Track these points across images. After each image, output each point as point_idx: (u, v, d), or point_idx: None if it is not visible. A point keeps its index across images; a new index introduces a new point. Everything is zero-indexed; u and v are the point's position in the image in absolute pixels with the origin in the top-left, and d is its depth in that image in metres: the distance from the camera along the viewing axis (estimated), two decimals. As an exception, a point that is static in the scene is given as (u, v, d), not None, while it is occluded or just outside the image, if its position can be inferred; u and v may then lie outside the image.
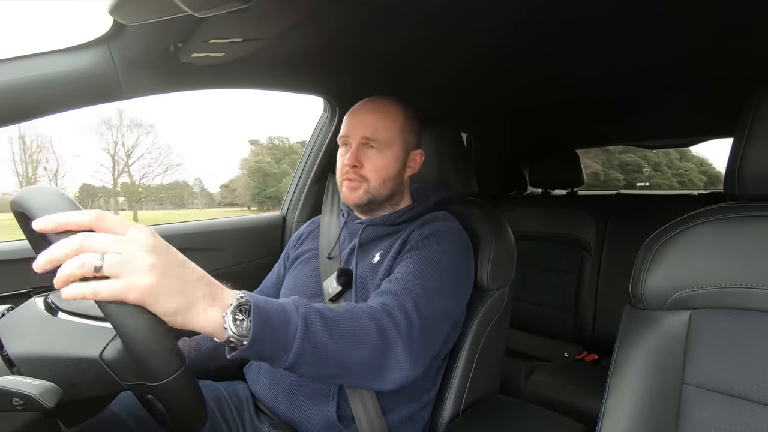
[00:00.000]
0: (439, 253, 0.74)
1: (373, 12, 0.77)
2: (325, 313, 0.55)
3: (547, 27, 0.89)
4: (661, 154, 6.25)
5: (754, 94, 0.59)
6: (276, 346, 0.49)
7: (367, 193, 0.83)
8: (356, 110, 0.86)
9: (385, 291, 0.68)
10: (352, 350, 0.55)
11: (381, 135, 0.82)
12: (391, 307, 0.64)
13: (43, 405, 0.43)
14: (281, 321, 0.49)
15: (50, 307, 0.55)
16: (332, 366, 0.54)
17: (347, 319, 0.56)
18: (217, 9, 0.53)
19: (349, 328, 0.56)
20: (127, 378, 0.48)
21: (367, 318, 0.59)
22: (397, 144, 0.84)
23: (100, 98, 0.77)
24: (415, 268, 0.71)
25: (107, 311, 0.42)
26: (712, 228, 0.60)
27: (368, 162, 0.82)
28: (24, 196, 0.49)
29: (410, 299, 0.66)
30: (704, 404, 0.56)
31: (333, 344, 0.53)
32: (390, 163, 0.84)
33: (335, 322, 0.55)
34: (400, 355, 0.60)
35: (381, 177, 0.83)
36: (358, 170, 0.82)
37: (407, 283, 0.68)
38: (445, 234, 0.79)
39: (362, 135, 0.82)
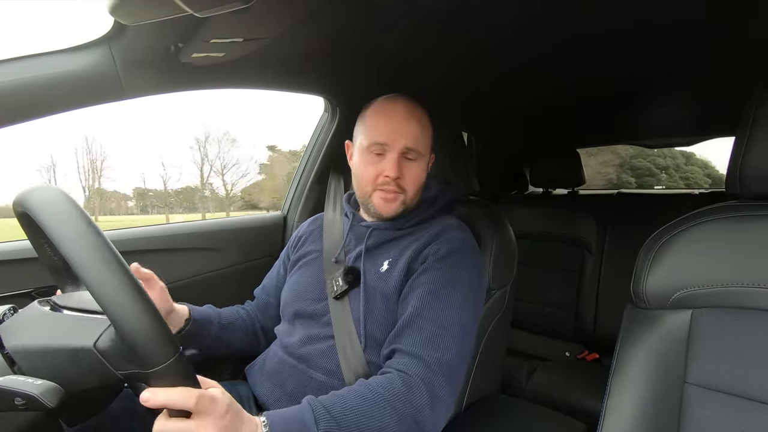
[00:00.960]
0: (457, 273, 0.74)
1: (374, 11, 0.77)
2: (342, 422, 0.57)
3: (547, 27, 0.89)
4: (668, 158, 6.56)
5: (756, 93, 0.59)
6: None
7: (403, 204, 0.81)
8: (390, 114, 0.80)
9: (404, 351, 0.67)
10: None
11: (421, 146, 0.80)
12: (412, 376, 0.63)
13: (45, 405, 0.43)
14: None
15: (53, 307, 0.55)
16: None
17: (367, 418, 0.58)
18: (217, 9, 0.53)
19: (370, 424, 0.58)
20: (120, 366, 0.48)
21: (388, 409, 0.59)
22: (428, 154, 0.84)
23: (101, 98, 0.77)
24: (432, 297, 0.70)
25: (100, 298, 0.43)
26: (713, 227, 0.60)
27: (408, 173, 0.80)
28: (26, 196, 0.49)
29: (433, 356, 0.65)
30: (706, 403, 0.56)
31: None
32: (424, 173, 0.83)
33: (356, 425, 0.57)
34: (428, 424, 0.62)
35: (417, 187, 0.82)
36: (399, 181, 0.79)
37: (425, 329, 0.67)
38: (462, 254, 0.77)
39: (405, 145, 0.78)
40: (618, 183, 6.15)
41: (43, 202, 0.47)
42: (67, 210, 0.46)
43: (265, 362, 0.85)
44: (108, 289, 0.43)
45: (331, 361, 0.76)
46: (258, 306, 1.00)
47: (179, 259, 1.08)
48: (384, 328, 0.75)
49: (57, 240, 0.44)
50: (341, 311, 0.79)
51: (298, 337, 0.82)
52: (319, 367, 0.77)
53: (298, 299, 0.86)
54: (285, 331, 0.86)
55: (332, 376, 0.75)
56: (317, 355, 0.78)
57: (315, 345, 0.79)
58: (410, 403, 0.61)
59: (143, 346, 0.43)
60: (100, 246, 0.44)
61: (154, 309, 0.45)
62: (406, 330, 0.69)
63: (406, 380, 0.63)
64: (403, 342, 0.68)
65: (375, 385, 0.62)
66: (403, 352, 0.67)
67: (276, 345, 0.87)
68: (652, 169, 6.56)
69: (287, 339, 0.83)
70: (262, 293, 1.01)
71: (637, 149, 5.97)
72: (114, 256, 0.45)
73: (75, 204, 0.47)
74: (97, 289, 0.43)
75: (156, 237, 1.05)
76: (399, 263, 0.78)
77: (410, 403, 0.61)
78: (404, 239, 0.82)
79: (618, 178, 6.19)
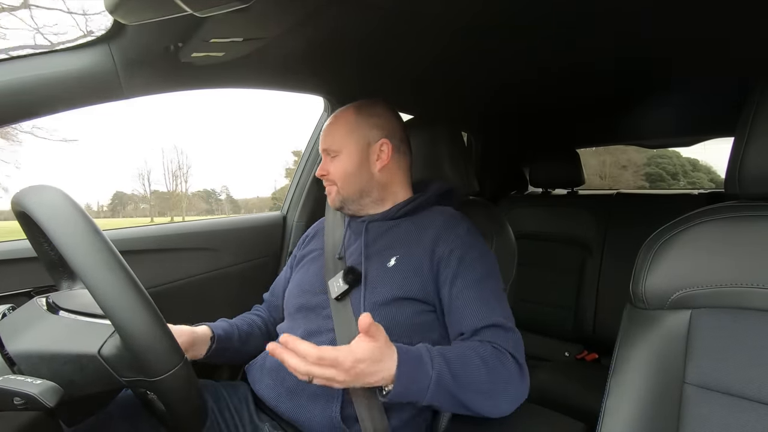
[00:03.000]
0: (483, 265, 0.80)
1: (373, 12, 0.77)
2: (452, 366, 0.66)
3: (546, 27, 0.89)
4: (677, 165, 7.19)
5: (755, 94, 0.59)
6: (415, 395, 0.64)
7: (339, 194, 0.90)
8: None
9: (479, 328, 0.74)
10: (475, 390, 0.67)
11: (333, 142, 0.89)
12: (497, 343, 0.71)
13: (44, 404, 0.43)
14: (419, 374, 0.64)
15: (51, 307, 0.55)
16: (457, 407, 0.67)
17: (471, 370, 0.67)
18: (217, 8, 0.53)
19: (471, 377, 0.66)
20: (125, 374, 0.48)
21: (483, 367, 0.67)
22: (349, 145, 0.88)
23: (101, 98, 0.77)
24: (478, 289, 0.77)
25: (107, 309, 0.43)
26: (712, 227, 0.60)
27: (332, 168, 0.90)
28: (25, 196, 0.49)
29: (501, 320, 0.74)
30: (705, 404, 0.56)
31: (459, 391, 0.65)
32: (346, 164, 0.88)
33: (463, 372, 0.66)
34: (516, 379, 0.71)
35: (342, 177, 0.89)
36: (327, 177, 0.90)
37: (485, 308, 0.75)
38: (479, 248, 0.83)
39: (323, 149, 0.91)
40: (635, 187, 6.69)
41: (43, 202, 0.47)
42: (70, 214, 0.46)
43: (266, 360, 0.86)
44: (114, 301, 0.43)
45: None
46: (268, 309, 1.02)
47: (179, 259, 1.08)
48: (387, 320, 0.76)
49: (62, 248, 0.44)
50: (342, 309, 0.80)
51: (300, 332, 0.82)
52: None
53: (301, 293, 0.88)
54: (286, 328, 0.87)
55: None
56: None
57: (316, 339, 0.80)
58: (503, 367, 0.69)
59: (149, 355, 0.43)
60: (105, 252, 0.44)
61: (159, 318, 0.45)
62: (466, 316, 0.75)
63: (496, 349, 0.70)
64: (467, 324, 0.74)
65: (474, 345, 0.70)
66: (475, 330, 0.73)
67: (276, 343, 0.87)
68: (663, 174, 7.16)
69: None
70: (271, 297, 1.03)
71: (649, 157, 6.98)
72: (119, 263, 0.44)
73: (75, 203, 0.47)
74: (103, 300, 0.43)
75: (156, 237, 1.05)
76: (411, 259, 0.81)
77: (503, 366, 0.69)
78: (401, 228, 0.86)
79: (635, 182, 6.95)
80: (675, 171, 7.13)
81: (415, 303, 0.78)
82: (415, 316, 0.78)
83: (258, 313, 1.01)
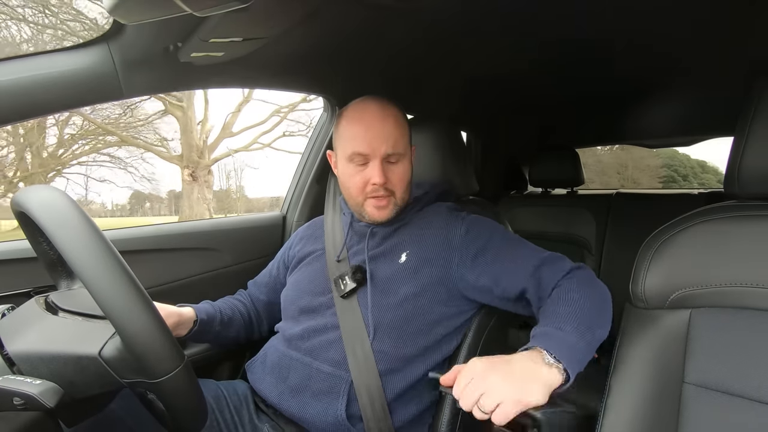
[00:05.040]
0: (497, 228, 0.83)
1: (373, 12, 0.77)
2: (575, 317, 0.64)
3: (547, 28, 0.89)
4: (687, 168, 7.81)
5: (754, 93, 0.59)
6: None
7: (395, 206, 0.83)
8: (366, 123, 0.79)
9: (534, 272, 0.73)
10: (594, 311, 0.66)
11: (401, 146, 0.81)
12: (560, 272, 0.71)
13: (44, 404, 0.43)
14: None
15: (50, 307, 0.55)
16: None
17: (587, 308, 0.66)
18: (216, 8, 0.53)
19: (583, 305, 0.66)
20: (126, 375, 0.48)
21: (586, 294, 0.67)
22: (408, 149, 0.85)
23: (100, 98, 0.77)
24: (509, 247, 0.78)
25: (108, 312, 0.42)
26: (712, 227, 0.60)
27: (393, 175, 0.81)
28: (24, 196, 0.49)
29: (543, 254, 0.75)
30: (704, 403, 0.56)
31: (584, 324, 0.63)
32: (409, 170, 0.84)
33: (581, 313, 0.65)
34: (594, 278, 0.72)
35: (404, 186, 0.83)
36: (386, 186, 0.80)
37: (527, 255, 0.76)
38: (487, 219, 0.86)
39: (385, 152, 0.79)
40: (652, 187, 7.17)
41: (43, 203, 0.47)
42: (69, 214, 0.45)
43: (266, 358, 0.86)
44: (115, 302, 0.43)
45: (338, 352, 0.77)
46: (251, 298, 1.03)
47: (179, 259, 1.08)
48: (395, 320, 0.77)
49: (62, 248, 0.44)
50: (348, 308, 0.80)
51: (304, 329, 0.82)
52: (325, 358, 0.78)
53: (303, 295, 0.87)
54: (288, 327, 0.86)
55: (339, 367, 0.76)
56: (323, 347, 0.79)
57: (321, 336, 0.80)
58: (593, 281, 0.70)
59: (150, 357, 0.43)
60: (105, 253, 0.44)
61: (160, 320, 0.45)
62: (518, 271, 0.74)
63: (565, 278, 0.70)
64: (522, 277, 0.73)
65: (562, 292, 0.68)
66: (533, 275, 0.72)
67: (277, 340, 0.87)
68: (675, 176, 7.77)
69: (291, 332, 0.84)
70: (253, 287, 1.03)
71: (663, 161, 7.71)
72: (119, 263, 0.44)
73: (74, 203, 0.47)
74: (103, 301, 0.43)
75: (156, 237, 1.05)
76: (423, 250, 0.81)
77: (593, 281, 0.70)
78: (406, 228, 0.85)
79: (649, 184, 7.67)
80: (686, 173, 7.71)
81: (430, 294, 0.78)
82: (429, 312, 0.78)
83: (241, 299, 1.01)
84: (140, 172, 7.87)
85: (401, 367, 0.76)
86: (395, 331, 0.77)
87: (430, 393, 0.79)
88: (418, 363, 0.77)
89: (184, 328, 0.85)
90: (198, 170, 6.92)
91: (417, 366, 0.77)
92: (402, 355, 0.76)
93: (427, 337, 0.78)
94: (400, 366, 0.76)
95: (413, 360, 0.77)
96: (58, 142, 6.48)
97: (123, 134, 6.58)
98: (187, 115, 6.78)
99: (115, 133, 6.56)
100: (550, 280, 0.71)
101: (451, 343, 0.82)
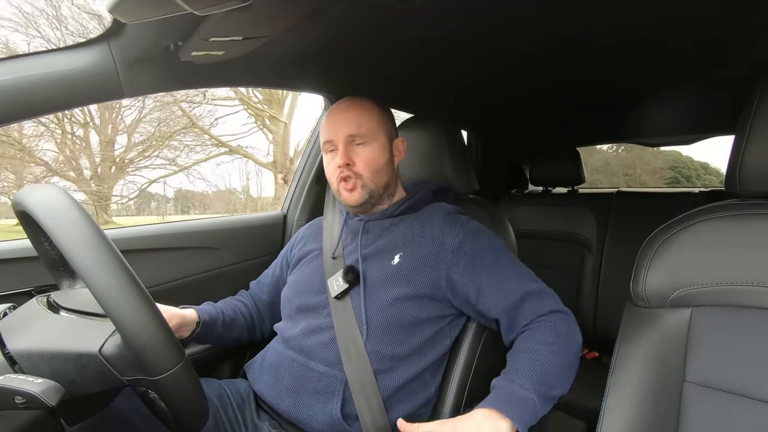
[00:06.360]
0: (493, 245, 0.83)
1: (373, 11, 0.77)
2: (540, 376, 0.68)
3: (547, 26, 0.89)
4: (691, 169, 8.17)
5: (755, 92, 0.59)
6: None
7: (365, 188, 0.84)
8: (332, 113, 0.86)
9: (515, 303, 0.76)
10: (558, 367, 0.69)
11: (364, 128, 0.83)
12: (540, 312, 0.75)
13: (46, 403, 0.43)
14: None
15: (52, 306, 0.55)
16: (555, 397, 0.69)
17: (546, 361, 0.69)
18: (216, 7, 0.53)
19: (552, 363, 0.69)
20: (126, 373, 0.48)
21: (549, 349, 0.70)
22: (381, 134, 0.86)
23: (101, 97, 0.77)
24: (498, 268, 0.79)
25: (108, 309, 0.43)
26: (712, 226, 0.60)
27: (358, 158, 0.83)
28: (26, 196, 0.49)
29: (531, 286, 0.78)
30: (705, 402, 0.56)
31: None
32: (379, 154, 0.85)
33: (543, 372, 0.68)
34: (574, 326, 0.76)
35: (373, 168, 0.84)
36: (351, 168, 0.83)
37: (513, 283, 0.78)
38: (484, 231, 0.85)
39: (347, 134, 0.82)
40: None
41: (43, 202, 0.47)
42: (71, 214, 0.46)
43: (265, 358, 0.86)
44: (115, 300, 0.43)
45: (333, 352, 0.77)
46: (253, 299, 1.03)
47: (179, 258, 1.08)
48: (388, 320, 0.77)
49: (63, 247, 0.44)
50: (342, 308, 0.80)
51: (300, 329, 0.82)
52: (320, 358, 0.78)
53: (300, 294, 0.88)
54: (286, 327, 0.87)
55: (333, 367, 0.76)
56: (319, 347, 0.79)
57: (317, 336, 0.80)
58: (569, 331, 0.74)
59: (150, 354, 0.43)
60: (106, 252, 0.44)
61: (160, 317, 0.45)
62: (500, 297, 0.77)
63: (541, 322, 0.74)
64: (504, 304, 0.77)
65: (527, 337, 0.73)
66: (514, 306, 0.75)
67: (276, 341, 0.88)
68: (679, 177, 8.10)
69: (289, 333, 0.84)
70: (256, 287, 1.04)
71: (669, 164, 8.02)
72: (120, 262, 0.44)
73: (75, 202, 0.47)
74: (104, 299, 0.43)
75: (156, 236, 1.05)
76: (416, 255, 0.80)
77: (569, 330, 0.74)
78: (400, 226, 0.85)
79: (655, 185, 8.00)
80: (689, 174, 8.08)
81: (421, 298, 0.79)
82: (419, 311, 0.78)
83: (243, 300, 1.01)
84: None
85: (395, 366, 0.76)
86: (388, 331, 0.77)
87: (425, 390, 0.80)
88: (413, 361, 0.77)
89: (187, 330, 0.85)
90: (288, 175, 7.89)
91: (412, 364, 0.77)
92: (396, 354, 0.76)
93: (419, 337, 0.78)
94: (394, 365, 0.76)
95: (407, 359, 0.77)
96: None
97: (230, 145, 7.85)
98: (287, 129, 7.84)
99: (226, 144, 7.80)
100: (524, 317, 0.74)
101: (445, 341, 0.82)
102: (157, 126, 7.29)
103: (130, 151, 7.30)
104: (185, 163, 7.58)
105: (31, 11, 5.29)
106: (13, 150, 6.15)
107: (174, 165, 7.54)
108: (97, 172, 7.09)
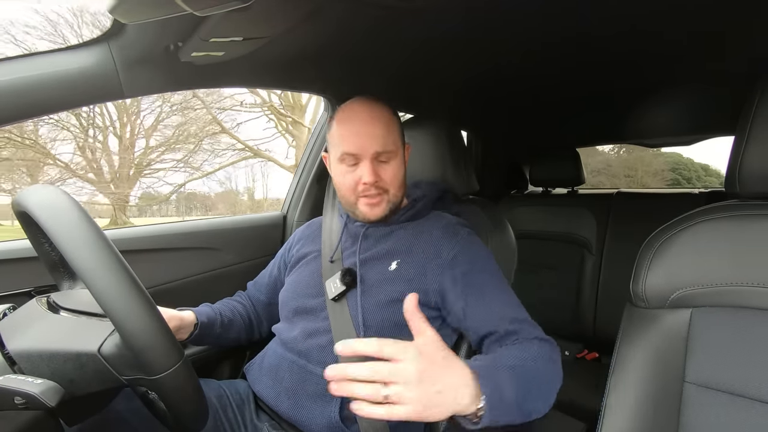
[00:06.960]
0: (488, 265, 0.80)
1: (373, 11, 0.77)
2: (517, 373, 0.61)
3: (547, 26, 0.89)
4: (692, 171, 8.23)
5: (755, 92, 0.59)
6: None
7: (389, 203, 0.83)
8: (353, 123, 0.81)
9: (503, 326, 0.72)
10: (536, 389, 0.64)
11: (390, 144, 0.81)
12: (529, 335, 0.71)
13: (45, 404, 0.43)
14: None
15: (51, 306, 0.55)
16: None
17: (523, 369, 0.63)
18: (216, 8, 0.53)
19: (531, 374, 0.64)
20: (125, 372, 0.48)
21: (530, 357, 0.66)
22: (401, 146, 0.85)
23: (101, 97, 0.77)
24: (489, 289, 0.77)
25: (107, 309, 0.42)
26: (712, 226, 0.60)
27: (385, 173, 0.81)
28: (26, 196, 0.49)
29: (520, 314, 0.74)
30: (705, 402, 0.56)
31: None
32: (401, 168, 0.84)
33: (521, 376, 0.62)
34: (558, 358, 0.70)
35: (397, 183, 0.83)
36: (378, 185, 0.80)
37: (503, 307, 0.75)
38: (482, 249, 0.83)
39: (375, 151, 0.79)
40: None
41: (43, 202, 0.47)
42: (71, 214, 0.46)
43: (264, 360, 0.86)
44: (114, 300, 0.43)
45: (330, 355, 0.77)
46: (251, 299, 1.03)
47: (179, 259, 1.08)
48: (384, 322, 0.77)
49: (63, 248, 0.44)
50: (339, 311, 0.80)
51: (298, 332, 0.82)
52: (318, 361, 0.78)
53: (297, 296, 0.87)
54: (284, 329, 0.87)
55: None
56: (317, 350, 0.79)
57: (315, 339, 0.80)
58: (553, 359, 0.69)
59: (148, 353, 0.43)
60: (105, 252, 0.44)
61: (159, 317, 0.45)
62: (488, 317, 0.74)
63: (536, 342, 0.69)
64: (490, 325, 0.73)
65: (515, 347, 0.68)
66: (499, 329, 0.72)
67: (275, 343, 0.88)
68: (680, 179, 8.14)
69: (287, 335, 0.84)
70: (253, 288, 1.03)
71: (670, 166, 8.07)
72: (119, 262, 0.44)
73: (75, 203, 0.47)
74: (103, 298, 0.43)
75: (155, 236, 1.05)
76: (412, 264, 0.80)
77: (553, 357, 0.69)
78: (400, 233, 0.84)
79: (656, 186, 7.96)
80: (690, 176, 8.14)
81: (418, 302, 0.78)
82: None
83: (240, 301, 1.01)
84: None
85: None
86: (385, 332, 0.76)
87: None
88: None
89: (185, 332, 0.85)
90: (309, 177, 8.51)
91: None
92: None
93: (409, 338, 0.77)
94: None
95: None
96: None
97: (255, 148, 8.28)
98: (310, 134, 8.19)
99: (252, 149, 8.23)
100: (510, 338, 0.71)
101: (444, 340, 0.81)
102: (179, 132, 7.65)
103: (149, 153, 7.62)
104: (211, 168, 8.02)
105: (56, 19, 5.37)
106: (32, 152, 6.27)
107: (194, 168, 7.91)
108: (129, 174, 7.43)
